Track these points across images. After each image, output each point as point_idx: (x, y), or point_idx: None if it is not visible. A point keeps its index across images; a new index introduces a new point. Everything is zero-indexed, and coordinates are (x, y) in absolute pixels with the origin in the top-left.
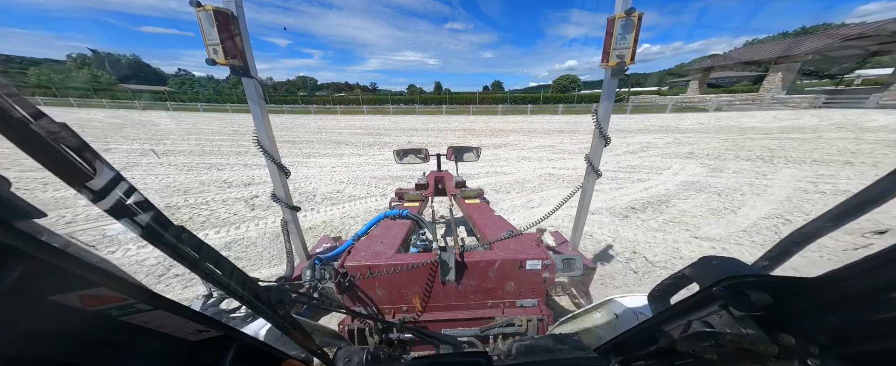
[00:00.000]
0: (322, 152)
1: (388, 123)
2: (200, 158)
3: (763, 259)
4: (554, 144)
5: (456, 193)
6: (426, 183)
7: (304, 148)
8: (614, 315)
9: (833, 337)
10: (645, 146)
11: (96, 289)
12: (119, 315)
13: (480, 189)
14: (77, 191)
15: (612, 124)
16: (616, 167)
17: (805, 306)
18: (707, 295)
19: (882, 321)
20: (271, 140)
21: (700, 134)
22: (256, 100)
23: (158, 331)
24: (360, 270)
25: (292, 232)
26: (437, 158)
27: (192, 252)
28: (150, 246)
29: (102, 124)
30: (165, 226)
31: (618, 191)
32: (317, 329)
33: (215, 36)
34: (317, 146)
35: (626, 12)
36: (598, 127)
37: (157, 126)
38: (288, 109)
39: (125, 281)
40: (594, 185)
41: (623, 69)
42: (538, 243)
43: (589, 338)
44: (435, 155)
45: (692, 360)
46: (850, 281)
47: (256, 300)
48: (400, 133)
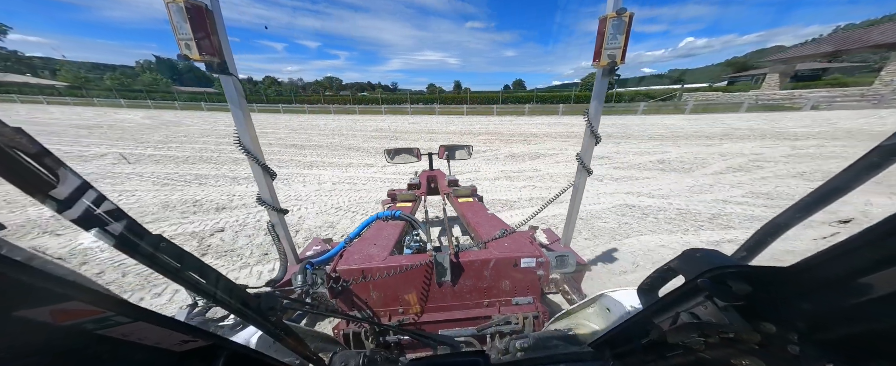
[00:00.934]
0: (328, 161)
1: (406, 125)
2: (188, 168)
3: (741, 250)
4: (609, 155)
5: (449, 192)
6: (419, 183)
7: (310, 155)
8: (607, 310)
9: (810, 323)
10: (753, 159)
11: (68, 303)
12: (95, 329)
13: (473, 186)
14: (39, 201)
15: (682, 128)
16: (742, 195)
17: (782, 295)
18: (692, 287)
19: (852, 307)
20: (254, 141)
21: (828, 141)
22: (236, 99)
23: (141, 343)
24: (353, 273)
25: (281, 235)
26: (429, 156)
27: (172, 262)
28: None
29: (134, 126)
30: (141, 235)
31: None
32: (311, 335)
33: (187, 30)
34: (324, 153)
35: (617, 12)
36: (589, 126)
37: (178, 126)
38: (309, 108)
39: (99, 293)
40: (585, 182)
41: (614, 69)
42: (532, 241)
43: (584, 333)
44: (426, 154)
45: (682, 351)
46: (821, 269)
47: (245, 308)
48: (417, 137)
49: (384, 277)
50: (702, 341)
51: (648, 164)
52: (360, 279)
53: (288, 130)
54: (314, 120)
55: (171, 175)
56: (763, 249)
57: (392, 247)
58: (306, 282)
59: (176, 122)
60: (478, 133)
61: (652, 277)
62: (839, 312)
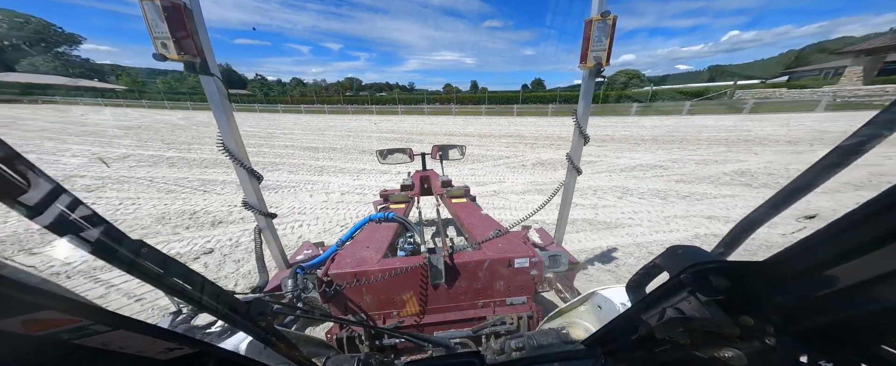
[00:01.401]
0: (340, 166)
1: (423, 126)
2: (200, 172)
3: (719, 246)
4: (664, 164)
5: (442, 192)
6: (412, 183)
7: (323, 158)
8: (598, 307)
9: (783, 316)
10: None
11: (41, 313)
12: (72, 338)
13: (467, 187)
14: (9, 207)
15: (749, 130)
16: None
17: (758, 289)
18: (676, 283)
19: (819, 299)
20: (239, 143)
21: None
22: (218, 100)
23: (122, 352)
24: (345, 277)
25: (269, 240)
26: (421, 157)
27: (154, 268)
28: None
29: (168, 127)
30: (119, 240)
31: None
32: (303, 340)
33: (164, 29)
34: (337, 156)
35: (601, 15)
36: (578, 126)
37: (207, 126)
38: (328, 109)
39: (75, 302)
40: (575, 182)
41: (600, 70)
42: (525, 241)
43: (576, 331)
44: (419, 154)
45: (669, 345)
46: (790, 264)
47: (234, 314)
48: (434, 139)
49: (378, 280)
50: (687, 335)
51: (723, 176)
52: (354, 283)
53: (306, 132)
54: (331, 121)
55: (181, 180)
56: (740, 245)
57: (385, 249)
58: (297, 286)
59: (206, 122)
60: (499, 136)
61: (639, 273)
62: (808, 304)
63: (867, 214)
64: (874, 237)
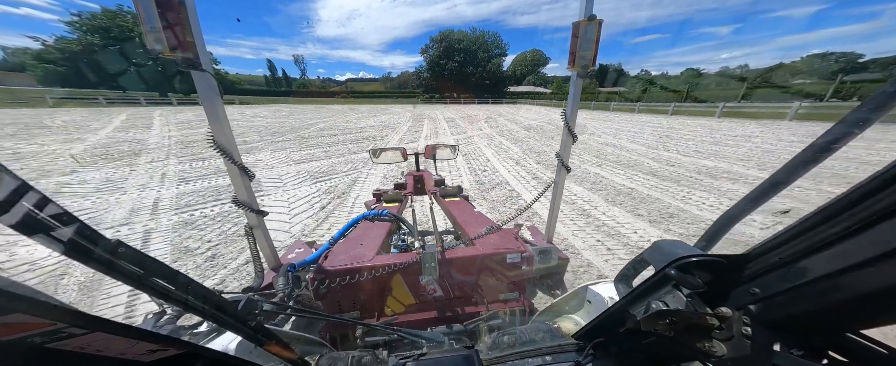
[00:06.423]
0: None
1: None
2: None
3: (701, 240)
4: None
5: (436, 191)
6: (405, 183)
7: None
8: (588, 302)
9: (759, 307)
10: None
11: (9, 316)
12: (45, 342)
13: (460, 186)
14: None
15: None
16: None
17: (736, 281)
18: (662, 276)
19: (791, 290)
20: (230, 140)
21: None
22: (210, 96)
23: (101, 355)
24: (338, 274)
25: (260, 238)
26: (415, 157)
27: (133, 268)
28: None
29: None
30: (94, 241)
31: None
32: (296, 338)
33: (157, 23)
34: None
35: (588, 18)
36: (567, 125)
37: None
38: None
39: (46, 304)
40: (564, 180)
41: (588, 72)
42: (516, 238)
43: (567, 325)
44: (413, 154)
45: (655, 337)
46: (764, 257)
47: (222, 314)
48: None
49: (371, 276)
50: (671, 327)
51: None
52: (346, 280)
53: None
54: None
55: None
56: (719, 239)
57: (378, 247)
58: (288, 284)
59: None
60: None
61: (627, 267)
62: (781, 295)
63: (836, 210)
64: (840, 232)
